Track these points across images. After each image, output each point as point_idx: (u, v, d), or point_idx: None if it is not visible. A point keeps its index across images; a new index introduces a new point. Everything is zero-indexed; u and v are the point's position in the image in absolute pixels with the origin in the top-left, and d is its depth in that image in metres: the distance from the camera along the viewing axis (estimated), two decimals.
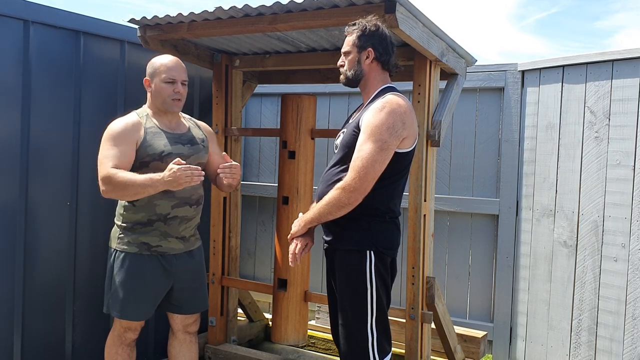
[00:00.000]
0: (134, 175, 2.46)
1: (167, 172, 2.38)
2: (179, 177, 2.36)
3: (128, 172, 2.48)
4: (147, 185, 2.42)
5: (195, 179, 2.39)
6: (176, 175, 2.35)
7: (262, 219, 4.71)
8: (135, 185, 2.43)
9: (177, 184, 2.38)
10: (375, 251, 2.27)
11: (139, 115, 2.68)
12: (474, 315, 3.94)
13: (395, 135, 2.19)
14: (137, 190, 2.45)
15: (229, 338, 3.72)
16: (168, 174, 2.37)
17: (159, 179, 2.40)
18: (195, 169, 2.39)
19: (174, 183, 2.38)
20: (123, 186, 2.45)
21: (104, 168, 2.50)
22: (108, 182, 2.47)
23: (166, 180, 2.38)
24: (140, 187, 2.43)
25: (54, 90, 3.04)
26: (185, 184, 2.39)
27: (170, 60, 2.68)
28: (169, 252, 2.69)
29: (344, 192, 2.18)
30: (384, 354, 2.30)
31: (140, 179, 2.43)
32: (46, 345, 3.07)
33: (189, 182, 2.38)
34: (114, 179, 2.45)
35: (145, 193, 2.47)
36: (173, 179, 2.36)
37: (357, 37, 2.32)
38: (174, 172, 2.36)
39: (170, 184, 2.39)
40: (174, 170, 2.35)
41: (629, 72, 3.13)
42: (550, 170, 3.52)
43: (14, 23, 2.85)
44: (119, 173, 2.45)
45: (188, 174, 2.36)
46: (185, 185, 2.40)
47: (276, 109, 4.59)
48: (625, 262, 3.13)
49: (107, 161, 2.51)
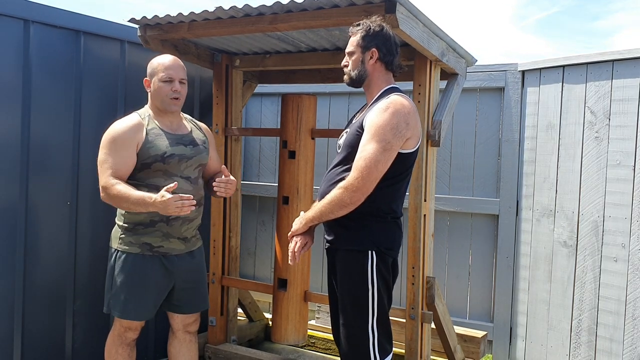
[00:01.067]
0: (129, 191, 2.49)
1: (159, 197, 2.40)
2: (168, 206, 2.38)
3: (124, 186, 2.51)
4: (138, 204, 2.47)
5: (185, 210, 2.41)
6: (166, 203, 2.38)
7: (262, 219, 4.71)
8: (128, 201, 2.49)
9: (165, 211, 2.42)
10: (377, 251, 2.27)
11: (140, 116, 2.68)
12: (474, 315, 3.94)
13: (399, 136, 2.19)
14: (129, 206, 2.52)
15: (229, 338, 3.72)
16: (159, 200, 2.40)
17: (151, 202, 2.43)
18: (187, 198, 2.41)
19: (163, 210, 2.42)
20: (117, 199, 2.51)
21: (103, 177, 2.55)
22: (105, 192, 2.54)
23: (157, 204, 2.41)
24: (132, 204, 2.49)
25: (54, 90, 3.04)
26: (173, 213, 2.42)
27: (168, 60, 2.68)
28: (171, 252, 2.69)
29: (346, 191, 2.18)
30: (385, 354, 2.30)
31: (134, 197, 2.47)
32: (46, 344, 3.07)
33: (178, 212, 2.41)
34: (109, 191, 2.51)
35: (138, 210, 2.51)
36: (163, 206, 2.40)
37: (361, 37, 2.32)
38: (164, 200, 2.38)
39: (159, 209, 2.43)
40: (165, 199, 2.38)
41: (629, 72, 3.13)
42: (551, 170, 3.52)
43: (14, 23, 2.85)
44: (116, 186, 2.50)
45: (178, 205, 2.39)
46: (174, 214, 2.44)
47: (276, 109, 4.59)
48: (625, 262, 3.13)
49: (106, 168, 2.55)
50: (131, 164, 2.58)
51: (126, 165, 2.57)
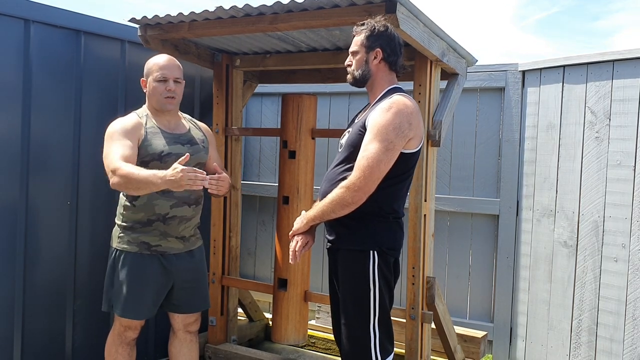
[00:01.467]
0: (138, 169, 2.41)
1: (170, 170, 2.31)
2: (181, 178, 2.28)
3: (133, 166, 2.44)
4: (149, 181, 2.35)
5: (197, 183, 2.30)
6: (179, 176, 2.28)
7: (263, 219, 4.71)
8: (138, 179, 2.37)
9: (178, 185, 2.30)
10: (378, 251, 2.27)
11: (139, 115, 2.68)
12: (474, 315, 3.94)
13: (402, 136, 2.19)
14: (139, 184, 2.39)
15: (229, 338, 3.72)
16: (171, 173, 2.29)
17: (162, 176, 2.32)
18: (200, 172, 2.32)
19: (175, 183, 2.30)
20: (127, 179, 2.39)
21: (111, 161, 2.46)
22: (115, 174, 2.43)
23: (168, 179, 2.30)
24: (142, 181, 2.36)
25: (55, 89, 3.04)
26: (186, 187, 2.30)
27: (162, 59, 2.68)
28: (169, 251, 2.69)
29: (348, 190, 2.17)
30: (386, 354, 2.30)
31: (143, 174, 2.37)
32: (46, 344, 3.07)
33: (191, 185, 2.29)
34: (119, 172, 2.40)
35: (147, 189, 2.40)
36: (175, 179, 2.28)
37: (365, 37, 2.32)
38: (177, 172, 2.28)
39: (171, 183, 2.31)
40: (178, 170, 2.28)
41: (630, 73, 3.13)
42: (551, 171, 3.52)
43: (14, 22, 2.85)
44: (124, 166, 2.41)
45: (191, 177, 2.28)
46: (187, 188, 2.32)
47: (277, 109, 4.59)
48: (625, 263, 3.12)
49: (114, 153, 2.47)
50: (135, 154, 2.53)
51: (132, 153, 2.51)
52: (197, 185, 2.31)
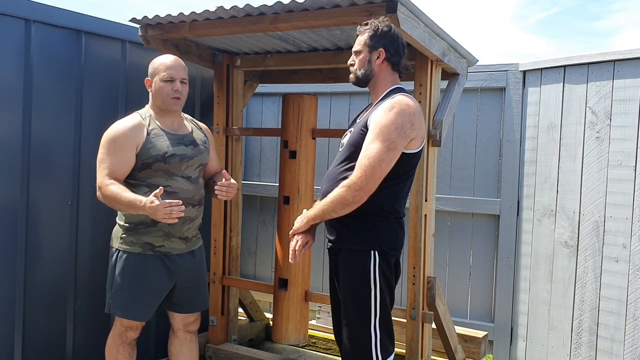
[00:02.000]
0: (122, 192, 2.49)
1: (147, 201, 2.39)
2: (157, 212, 2.38)
3: (118, 186, 2.51)
4: (130, 207, 2.47)
5: (173, 216, 2.39)
6: (155, 209, 2.37)
7: (263, 219, 4.71)
8: (120, 203, 2.49)
9: (154, 217, 2.41)
10: (379, 251, 2.27)
11: (141, 116, 2.68)
12: (474, 315, 3.94)
13: (404, 136, 2.19)
14: (121, 208, 2.53)
15: (230, 337, 3.72)
16: (149, 205, 2.39)
17: (141, 205, 2.42)
18: (177, 203, 2.40)
19: (152, 215, 2.41)
20: (110, 200, 2.52)
21: (99, 176, 2.57)
22: (100, 192, 2.55)
23: (146, 209, 2.41)
24: (124, 206, 2.49)
25: (55, 89, 3.04)
26: (162, 220, 2.41)
27: (169, 60, 2.69)
28: (172, 252, 2.69)
29: (349, 190, 2.17)
30: (387, 354, 2.30)
31: (125, 200, 2.47)
32: (47, 344, 3.07)
33: (167, 219, 2.40)
34: (103, 191, 2.53)
35: (130, 212, 2.52)
36: (151, 212, 2.40)
37: (368, 37, 2.31)
38: (153, 206, 2.37)
39: (149, 214, 2.43)
40: (154, 205, 2.37)
41: (631, 73, 3.13)
42: (552, 171, 3.52)
43: (15, 22, 2.85)
44: (110, 186, 2.51)
45: (167, 212, 2.38)
46: (163, 221, 2.42)
47: (277, 109, 4.59)
48: (626, 263, 3.12)
49: (103, 168, 2.56)
50: (129, 165, 2.59)
51: (124, 167, 2.58)
52: (172, 218, 2.40)
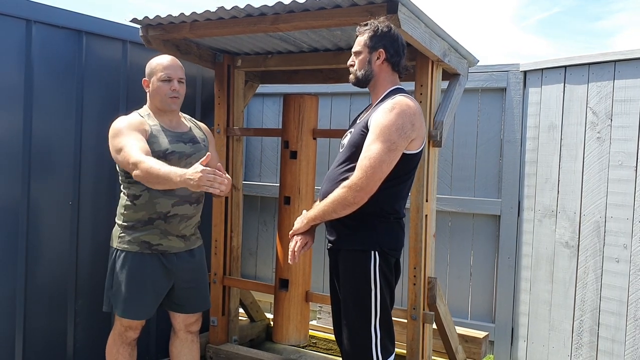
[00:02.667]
0: (159, 164, 2.38)
1: (191, 169, 2.26)
2: (200, 179, 2.22)
3: (154, 160, 2.41)
4: (168, 178, 2.31)
5: (215, 186, 2.24)
6: (197, 176, 2.22)
7: (264, 219, 4.71)
8: (158, 174, 2.34)
9: (196, 185, 2.25)
10: (379, 252, 2.27)
11: (140, 115, 2.69)
12: (475, 316, 3.93)
13: (404, 137, 2.19)
14: (159, 179, 2.36)
15: (231, 338, 3.72)
16: (191, 172, 2.25)
17: (181, 174, 2.28)
18: (220, 174, 2.27)
19: (194, 183, 2.25)
20: (148, 173, 2.36)
21: (130, 154, 2.43)
22: (137, 167, 2.40)
23: (187, 177, 2.26)
24: (162, 177, 2.33)
25: (56, 90, 3.04)
26: (203, 188, 2.25)
27: (166, 60, 2.69)
28: (170, 250, 2.69)
29: (350, 190, 2.17)
30: (388, 354, 2.30)
31: (164, 170, 2.34)
32: (48, 343, 3.07)
33: (208, 187, 2.24)
34: (141, 165, 2.38)
35: (166, 185, 2.38)
36: (194, 179, 2.23)
37: (368, 37, 2.31)
38: (196, 172, 2.23)
39: (189, 182, 2.26)
40: (197, 171, 2.23)
41: (632, 73, 3.13)
42: (552, 171, 3.52)
43: (16, 22, 2.85)
44: (146, 160, 2.39)
45: (210, 178, 2.23)
46: (204, 190, 2.27)
47: (278, 109, 4.59)
48: (627, 263, 3.12)
49: (131, 146, 2.45)
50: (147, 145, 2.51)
51: (147, 146, 2.50)
52: (214, 188, 2.25)
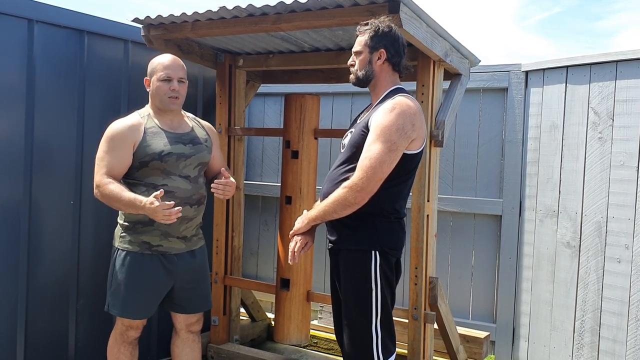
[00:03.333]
0: (121, 192, 2.51)
1: (148, 202, 2.42)
2: (155, 214, 2.42)
3: (117, 186, 2.53)
4: (129, 206, 2.50)
5: (172, 218, 2.43)
6: (154, 210, 2.41)
7: (265, 219, 4.71)
8: (119, 202, 2.52)
9: (153, 217, 2.46)
10: (380, 251, 2.27)
11: (140, 115, 2.69)
12: (476, 316, 3.93)
13: (405, 137, 2.19)
14: (120, 207, 2.56)
15: (232, 337, 3.73)
16: (148, 206, 2.42)
17: (141, 205, 2.45)
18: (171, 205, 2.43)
19: (152, 216, 2.45)
20: (109, 199, 2.54)
21: (97, 174, 2.59)
22: (98, 189, 2.57)
23: (146, 209, 2.44)
24: (123, 205, 2.52)
25: (58, 89, 3.05)
26: (161, 221, 2.45)
27: (167, 59, 2.69)
28: (170, 251, 2.69)
29: (350, 191, 2.17)
30: (389, 354, 2.30)
31: (125, 199, 2.49)
32: (49, 343, 3.08)
33: (166, 221, 2.44)
34: (102, 189, 2.55)
35: (129, 211, 2.55)
36: (151, 212, 2.43)
37: (369, 37, 2.31)
38: (152, 207, 2.41)
39: (149, 214, 2.46)
40: (153, 207, 2.40)
41: (634, 73, 3.12)
42: (554, 171, 3.51)
43: (18, 22, 2.86)
44: (109, 185, 2.53)
45: (166, 214, 2.41)
46: (163, 222, 2.46)
47: (279, 109, 4.59)
48: (628, 263, 3.12)
49: (101, 167, 2.59)
50: (126, 164, 2.61)
51: (121, 165, 2.60)
52: (170, 220, 2.44)
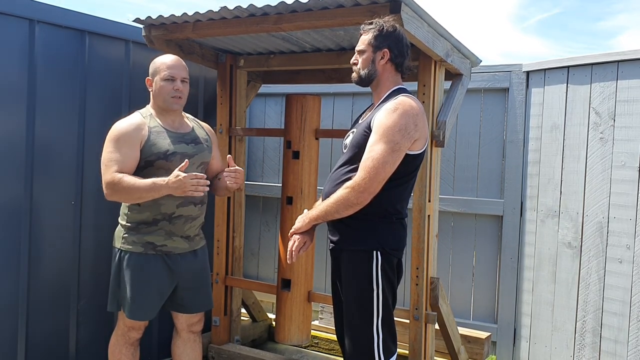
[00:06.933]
0: (138, 180, 2.48)
1: (172, 177, 2.39)
2: (184, 185, 2.38)
3: (132, 177, 2.50)
4: (151, 190, 2.46)
5: (200, 189, 2.40)
6: (182, 182, 2.37)
7: (266, 219, 4.71)
8: (140, 190, 2.47)
9: (181, 191, 2.40)
10: (382, 252, 2.26)
11: (142, 115, 2.69)
12: (477, 316, 3.93)
13: (407, 137, 2.18)
14: (142, 194, 2.49)
15: (233, 338, 3.72)
16: (173, 180, 2.39)
17: (163, 184, 2.42)
18: (202, 177, 2.41)
19: (179, 190, 2.40)
20: (127, 191, 2.49)
21: (108, 173, 2.53)
22: (112, 187, 2.51)
23: (170, 185, 2.40)
24: (144, 191, 2.47)
25: (59, 89, 3.05)
26: (189, 193, 2.41)
27: (170, 59, 2.69)
28: (174, 251, 2.69)
29: (352, 191, 2.17)
30: (390, 354, 2.29)
31: (145, 185, 2.46)
32: (50, 343, 3.08)
33: (194, 190, 2.40)
34: (118, 185, 2.49)
35: (149, 197, 2.50)
36: (178, 185, 2.39)
37: (373, 36, 2.31)
38: (180, 179, 2.37)
39: (174, 190, 2.41)
40: (180, 178, 2.37)
41: (635, 73, 3.12)
42: (555, 171, 3.51)
43: (19, 22, 2.86)
44: (124, 178, 2.48)
45: (194, 183, 2.38)
46: (190, 194, 2.42)
47: (280, 109, 4.59)
48: (630, 264, 3.11)
49: (111, 165, 2.53)
50: (135, 161, 2.58)
51: (131, 163, 2.57)
52: (199, 190, 2.40)
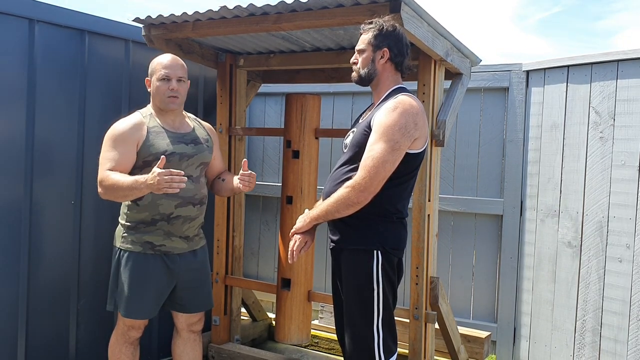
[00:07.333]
0: (122, 177, 2.46)
1: (150, 174, 2.35)
2: (158, 182, 2.31)
3: (118, 174, 2.49)
4: (132, 188, 2.42)
5: (174, 186, 2.32)
6: (155, 180, 2.31)
7: (266, 219, 4.71)
8: (122, 187, 2.44)
9: (157, 189, 2.33)
10: (382, 251, 2.27)
11: (142, 115, 2.69)
12: (477, 316, 3.93)
13: (407, 136, 2.18)
14: (125, 192, 2.46)
15: (233, 337, 3.73)
16: (151, 177, 2.33)
17: (143, 181, 2.37)
18: (177, 173, 2.33)
19: (156, 188, 2.33)
20: (112, 188, 2.48)
21: (100, 172, 2.54)
22: (101, 184, 2.53)
23: (148, 182, 2.34)
24: (127, 189, 2.44)
25: (59, 89, 3.05)
26: (163, 190, 2.33)
27: (166, 59, 2.69)
28: (173, 251, 2.69)
29: (353, 190, 2.17)
30: (390, 354, 2.30)
31: (127, 182, 2.43)
32: (50, 343, 3.08)
33: (167, 188, 2.31)
34: (105, 182, 2.50)
35: (134, 195, 2.48)
36: (153, 182, 2.32)
37: (373, 36, 2.31)
38: (154, 176, 2.32)
39: (152, 187, 2.35)
40: (155, 175, 2.32)
41: (635, 72, 3.12)
42: (555, 171, 3.51)
43: (19, 22, 2.86)
44: (110, 175, 2.48)
45: (167, 179, 2.30)
46: (164, 192, 2.34)
47: (280, 109, 4.59)
48: (630, 263, 3.12)
49: (104, 164, 2.55)
50: (130, 161, 2.58)
51: (125, 162, 2.56)
52: (172, 188, 2.32)
